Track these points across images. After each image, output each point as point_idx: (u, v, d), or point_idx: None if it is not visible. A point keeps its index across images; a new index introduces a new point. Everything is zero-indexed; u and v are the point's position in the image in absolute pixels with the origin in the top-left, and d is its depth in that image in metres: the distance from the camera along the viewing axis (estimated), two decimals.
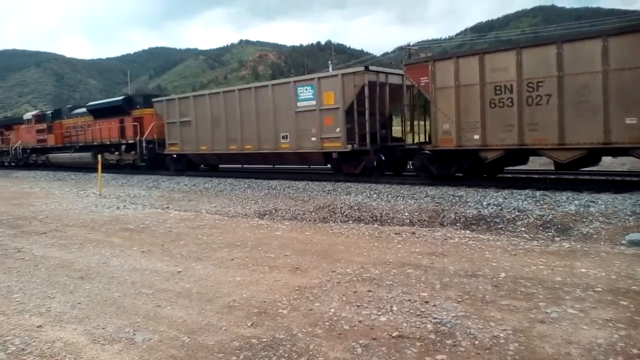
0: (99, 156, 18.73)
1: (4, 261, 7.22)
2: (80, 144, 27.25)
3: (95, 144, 26.05)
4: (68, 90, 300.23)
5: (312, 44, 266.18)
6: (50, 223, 10.46)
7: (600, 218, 8.65)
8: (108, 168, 24.19)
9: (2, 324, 4.64)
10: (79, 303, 5.21)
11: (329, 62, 56.33)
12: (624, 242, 7.29)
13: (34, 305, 5.18)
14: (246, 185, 16.45)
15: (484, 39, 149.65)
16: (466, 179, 13.21)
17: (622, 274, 5.46)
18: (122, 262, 6.93)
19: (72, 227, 9.89)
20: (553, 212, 9.26)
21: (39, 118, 31.43)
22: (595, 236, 7.86)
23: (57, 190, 18.23)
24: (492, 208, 9.93)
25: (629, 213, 8.74)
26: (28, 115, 33.11)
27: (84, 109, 27.86)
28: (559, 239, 7.87)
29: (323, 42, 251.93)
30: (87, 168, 26.06)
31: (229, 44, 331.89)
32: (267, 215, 11.13)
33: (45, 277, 6.27)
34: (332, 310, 4.69)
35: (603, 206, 9.31)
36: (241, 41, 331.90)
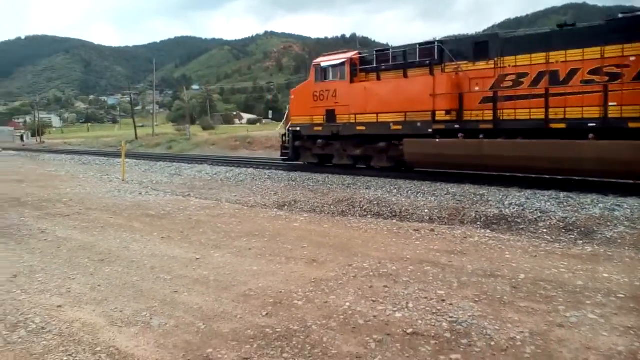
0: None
1: (28, 241, 7.40)
2: None
3: None
4: (95, 76, 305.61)
5: (337, 36, 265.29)
6: (73, 206, 10.66)
7: (626, 222, 8.43)
8: None
9: (24, 303, 4.75)
10: (99, 285, 5.31)
11: None
12: None
13: (55, 286, 5.29)
14: (267, 176, 16.51)
15: None
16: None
17: None
18: (142, 247, 7.03)
19: (94, 211, 10.07)
20: (577, 214, 9.05)
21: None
22: (619, 241, 7.66)
23: (82, 174, 18.58)
24: (514, 208, 9.76)
25: None
26: None
27: None
28: (581, 242, 7.70)
29: (348, 35, 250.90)
30: None
31: (254, 35, 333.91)
32: (286, 207, 11.15)
33: (66, 259, 6.40)
34: (348, 304, 4.68)
35: (629, 210, 9.07)
36: (266, 32, 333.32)
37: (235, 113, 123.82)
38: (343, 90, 16.04)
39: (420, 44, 14.64)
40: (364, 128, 15.53)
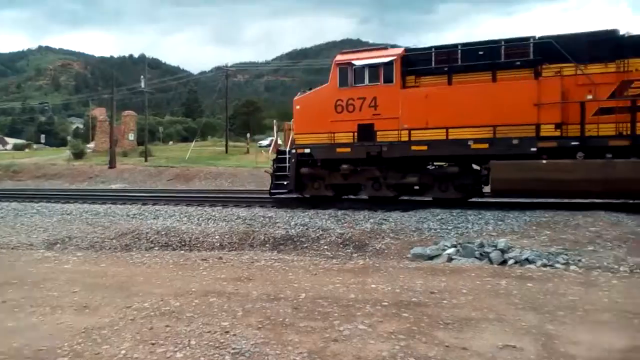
0: None
1: None
2: None
3: None
4: None
5: (124, 56, 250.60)
6: None
7: (391, 234, 9.64)
8: None
9: None
10: None
11: (142, 76, 53.58)
12: (409, 255, 8.20)
13: None
14: (35, 211, 14.43)
15: (297, 66, 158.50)
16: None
17: (405, 287, 6.05)
18: None
19: None
20: (352, 230, 10.02)
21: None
22: (386, 251, 8.71)
23: None
24: (299, 228, 10.34)
25: (414, 229, 9.91)
26: None
27: None
28: (356, 255, 8.53)
29: (136, 55, 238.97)
30: None
31: (26, 49, 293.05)
32: (58, 245, 9.89)
33: None
34: (123, 351, 4.25)
35: (393, 223, 10.40)
36: (40, 47, 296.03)
37: None
38: (389, 97, 12.61)
39: (512, 40, 12.25)
40: (424, 148, 12.27)
